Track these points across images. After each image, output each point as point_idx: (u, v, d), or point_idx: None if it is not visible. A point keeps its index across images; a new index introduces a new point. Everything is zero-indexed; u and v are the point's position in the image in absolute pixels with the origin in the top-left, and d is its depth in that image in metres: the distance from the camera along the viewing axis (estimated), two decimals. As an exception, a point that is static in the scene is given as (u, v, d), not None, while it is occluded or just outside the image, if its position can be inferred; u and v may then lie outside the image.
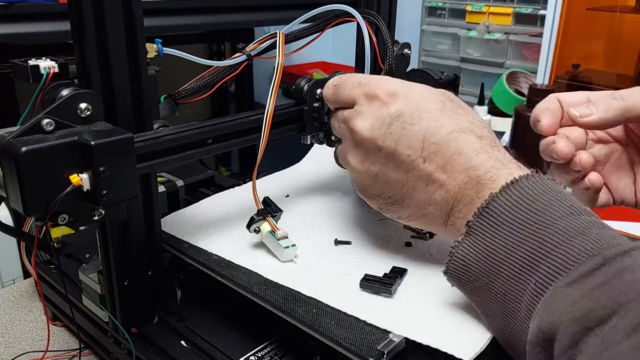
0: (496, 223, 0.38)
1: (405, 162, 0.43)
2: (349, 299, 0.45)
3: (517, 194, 0.38)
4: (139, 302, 0.49)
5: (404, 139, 0.43)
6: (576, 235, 0.36)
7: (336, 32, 0.63)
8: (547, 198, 0.38)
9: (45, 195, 0.36)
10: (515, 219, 0.38)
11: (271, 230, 0.51)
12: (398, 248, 0.53)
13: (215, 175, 0.72)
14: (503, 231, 0.38)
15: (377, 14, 0.62)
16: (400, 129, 0.43)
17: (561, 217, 0.37)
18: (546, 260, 0.36)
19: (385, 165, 0.45)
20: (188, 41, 2.03)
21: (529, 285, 0.36)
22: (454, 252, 0.40)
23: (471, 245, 0.39)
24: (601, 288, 0.33)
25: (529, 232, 0.37)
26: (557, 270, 0.35)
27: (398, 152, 0.43)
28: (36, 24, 1.08)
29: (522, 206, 0.38)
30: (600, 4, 1.66)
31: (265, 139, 0.50)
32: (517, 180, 0.39)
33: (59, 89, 0.40)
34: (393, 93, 0.45)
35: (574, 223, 0.36)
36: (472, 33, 1.93)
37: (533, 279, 0.36)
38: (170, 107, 0.53)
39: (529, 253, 0.37)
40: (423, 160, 0.43)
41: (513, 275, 0.37)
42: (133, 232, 0.47)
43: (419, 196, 0.44)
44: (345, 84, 0.49)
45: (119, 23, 0.41)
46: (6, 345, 0.58)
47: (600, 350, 0.31)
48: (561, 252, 0.35)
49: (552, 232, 0.36)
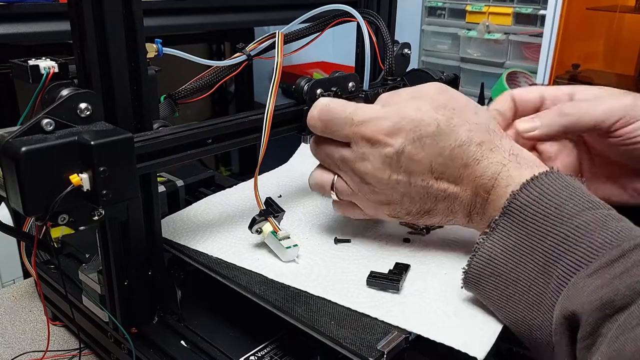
0: (520, 219, 0.40)
1: (421, 185, 0.46)
2: (356, 297, 0.45)
3: (537, 190, 0.40)
4: (138, 302, 0.49)
5: (414, 168, 0.46)
6: (596, 229, 0.38)
7: (336, 32, 0.63)
8: (566, 193, 0.40)
9: (45, 195, 0.36)
10: (537, 214, 0.39)
11: (273, 230, 0.51)
12: (397, 244, 0.53)
13: (215, 175, 0.72)
14: (527, 227, 0.40)
15: (377, 14, 0.62)
16: (407, 160, 0.46)
17: (581, 211, 0.39)
18: (569, 253, 0.38)
19: (405, 191, 0.47)
20: (188, 41, 2.03)
21: (552, 277, 0.38)
22: (478, 248, 0.42)
23: (496, 242, 0.41)
24: (620, 278, 0.34)
25: (552, 227, 0.39)
26: (579, 263, 0.37)
27: (413, 180, 0.46)
28: (36, 24, 1.08)
29: (543, 202, 0.40)
30: (600, 4, 1.66)
31: (266, 140, 0.50)
32: (536, 177, 0.41)
33: (59, 89, 0.40)
34: (391, 132, 0.46)
35: (593, 217, 0.38)
36: (472, 33, 1.93)
37: (557, 271, 0.38)
38: (170, 107, 0.53)
39: (552, 247, 0.38)
40: (436, 180, 0.46)
41: (538, 268, 0.39)
42: (133, 232, 0.47)
43: (441, 207, 0.47)
44: (336, 122, 0.48)
45: (119, 23, 0.41)
46: (6, 345, 0.58)
47: (617, 335, 0.33)
48: (583, 245, 0.37)
49: (573, 226, 0.38)
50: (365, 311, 0.43)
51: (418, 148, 0.45)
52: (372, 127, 0.46)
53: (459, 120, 0.45)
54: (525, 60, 1.85)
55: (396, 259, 0.50)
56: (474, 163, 0.44)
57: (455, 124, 0.45)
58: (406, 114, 0.46)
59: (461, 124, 0.45)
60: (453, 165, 0.45)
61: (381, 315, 0.43)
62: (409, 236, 0.55)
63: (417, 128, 0.45)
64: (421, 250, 0.52)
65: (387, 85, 0.63)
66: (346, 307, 0.44)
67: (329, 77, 0.57)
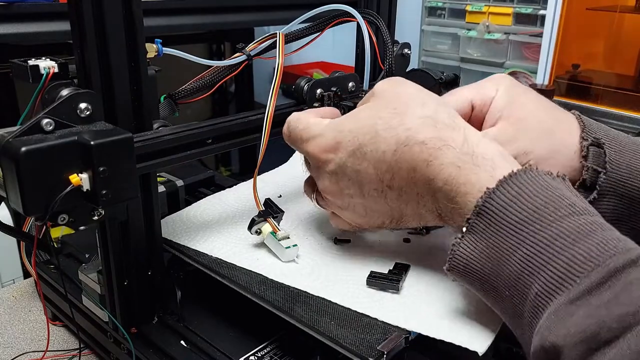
0: (495, 221, 0.36)
1: (378, 196, 0.44)
2: (356, 297, 0.45)
3: (515, 190, 0.36)
4: (138, 302, 0.49)
5: (363, 179, 0.44)
6: (579, 239, 0.34)
7: (336, 32, 0.63)
8: (546, 195, 0.36)
9: (45, 195, 0.36)
10: (514, 217, 0.36)
11: (272, 231, 0.51)
12: (397, 244, 0.53)
13: (215, 175, 0.72)
14: (502, 230, 0.36)
15: (377, 14, 0.62)
16: (353, 173, 0.44)
17: (562, 216, 0.35)
18: (547, 267, 0.34)
19: (364, 203, 0.45)
20: (188, 41, 2.03)
21: (531, 289, 0.35)
22: (454, 250, 0.39)
23: (471, 244, 0.38)
24: (607, 307, 0.30)
25: (529, 233, 0.35)
26: (559, 281, 0.33)
27: (366, 191, 0.44)
28: (36, 24, 1.07)
29: (521, 203, 0.36)
30: (600, 4, 1.66)
31: (266, 140, 0.50)
32: (515, 174, 0.37)
33: (59, 89, 0.40)
34: (330, 148, 0.45)
35: (575, 224, 0.34)
36: (472, 33, 1.93)
37: (534, 286, 0.34)
38: (170, 107, 0.53)
39: (529, 257, 0.35)
40: (389, 188, 0.43)
41: (515, 276, 0.35)
42: (133, 232, 0.47)
43: (409, 212, 0.44)
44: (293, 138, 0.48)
45: (119, 23, 0.41)
46: (6, 345, 0.58)
47: None
48: (562, 259, 0.33)
49: (553, 234, 0.34)
50: (365, 311, 0.43)
51: (359, 159, 0.43)
52: (314, 145, 0.46)
53: (399, 120, 0.42)
54: (525, 60, 1.84)
55: (396, 259, 0.50)
56: (423, 165, 0.40)
57: (394, 124, 0.42)
58: (344, 126, 0.44)
59: (400, 123, 0.42)
60: (400, 170, 0.42)
61: (381, 315, 0.43)
62: (409, 236, 0.55)
63: (355, 139, 0.43)
64: (421, 250, 0.52)
65: (387, 85, 0.63)
66: (346, 307, 0.44)
67: (329, 77, 0.57)
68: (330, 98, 0.56)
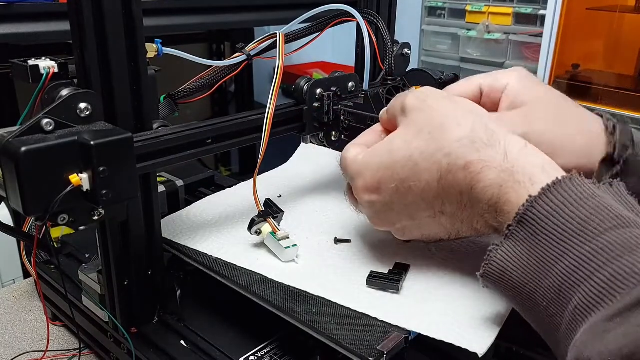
0: (538, 230, 0.35)
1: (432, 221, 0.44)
2: (356, 297, 0.45)
3: (559, 199, 0.35)
4: (138, 302, 0.49)
5: (413, 211, 0.43)
6: (623, 254, 0.32)
7: (336, 32, 0.63)
8: (592, 205, 0.35)
9: (45, 195, 0.36)
10: (558, 227, 0.35)
11: (272, 231, 0.51)
12: (397, 244, 0.53)
13: (215, 175, 0.72)
14: (546, 240, 0.35)
15: (377, 14, 0.62)
16: (402, 207, 0.44)
17: (607, 229, 0.34)
18: (589, 281, 0.33)
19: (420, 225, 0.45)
20: (188, 41, 2.03)
21: (570, 303, 0.34)
22: (491, 256, 0.38)
23: (510, 251, 0.37)
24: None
25: (572, 245, 0.34)
26: (599, 296, 0.32)
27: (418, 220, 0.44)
28: (36, 24, 1.07)
29: (565, 214, 0.35)
30: (600, 4, 1.66)
31: (266, 140, 0.50)
32: (559, 182, 0.36)
33: (59, 89, 0.40)
34: (372, 188, 0.44)
35: (621, 238, 0.33)
36: (472, 33, 1.93)
37: (574, 299, 0.33)
38: (170, 107, 0.53)
39: (573, 268, 0.34)
40: (442, 213, 0.43)
41: (556, 289, 0.34)
42: (133, 232, 0.47)
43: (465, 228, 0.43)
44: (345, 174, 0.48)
45: (119, 23, 0.41)
46: (6, 345, 0.58)
47: None
48: (605, 274, 0.32)
49: (598, 247, 0.33)
50: (365, 311, 0.43)
51: (404, 194, 0.42)
52: (357, 185, 0.45)
53: (436, 146, 0.41)
54: (525, 60, 1.84)
55: (396, 259, 0.50)
56: (467, 189, 0.40)
57: (431, 151, 0.41)
58: (381, 162, 0.43)
59: (439, 148, 0.41)
60: (449, 196, 0.41)
61: (381, 315, 0.43)
62: None
63: (395, 175, 0.42)
64: (421, 250, 0.52)
65: (387, 85, 0.63)
66: (346, 307, 0.44)
67: (329, 77, 0.57)
68: (330, 98, 0.56)
